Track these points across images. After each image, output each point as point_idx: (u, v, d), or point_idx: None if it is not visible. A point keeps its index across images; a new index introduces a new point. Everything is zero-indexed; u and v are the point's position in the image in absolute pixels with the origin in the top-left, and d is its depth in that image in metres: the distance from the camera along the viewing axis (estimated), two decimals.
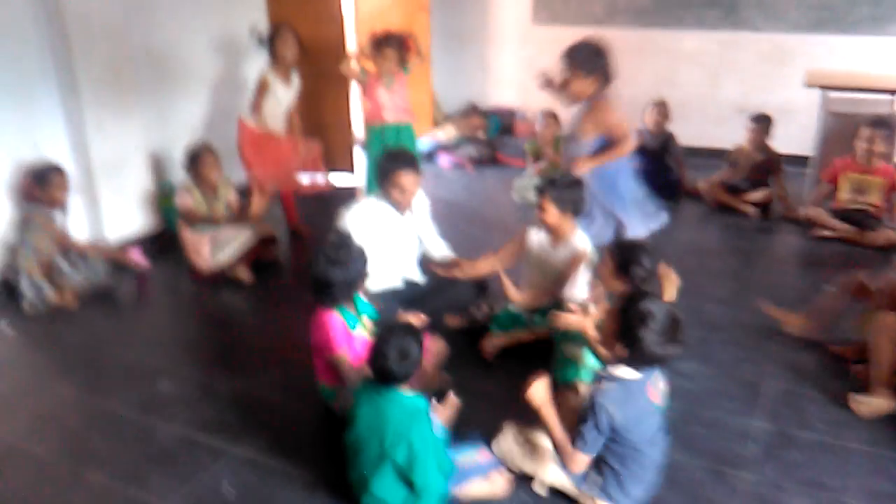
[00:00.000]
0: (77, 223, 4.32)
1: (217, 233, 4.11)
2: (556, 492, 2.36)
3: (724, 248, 4.65)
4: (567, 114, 3.87)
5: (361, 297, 2.83)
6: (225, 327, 3.67)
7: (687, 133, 6.35)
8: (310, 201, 5.10)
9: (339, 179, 5.80)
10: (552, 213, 3.23)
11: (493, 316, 3.43)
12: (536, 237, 3.43)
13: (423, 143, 6.76)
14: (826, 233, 4.64)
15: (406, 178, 3.22)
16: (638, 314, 2.11)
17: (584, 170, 3.54)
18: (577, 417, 2.21)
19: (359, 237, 3.16)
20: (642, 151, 5.65)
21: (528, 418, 2.40)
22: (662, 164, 5.66)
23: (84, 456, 2.59)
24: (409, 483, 2.22)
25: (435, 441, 2.24)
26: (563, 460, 2.27)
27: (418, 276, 3.54)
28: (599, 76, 3.54)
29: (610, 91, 3.62)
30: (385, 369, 2.20)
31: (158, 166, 4.71)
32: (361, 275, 2.59)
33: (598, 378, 2.23)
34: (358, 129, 6.37)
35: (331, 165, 5.94)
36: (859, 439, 2.67)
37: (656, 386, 2.25)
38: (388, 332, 2.24)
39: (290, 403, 2.91)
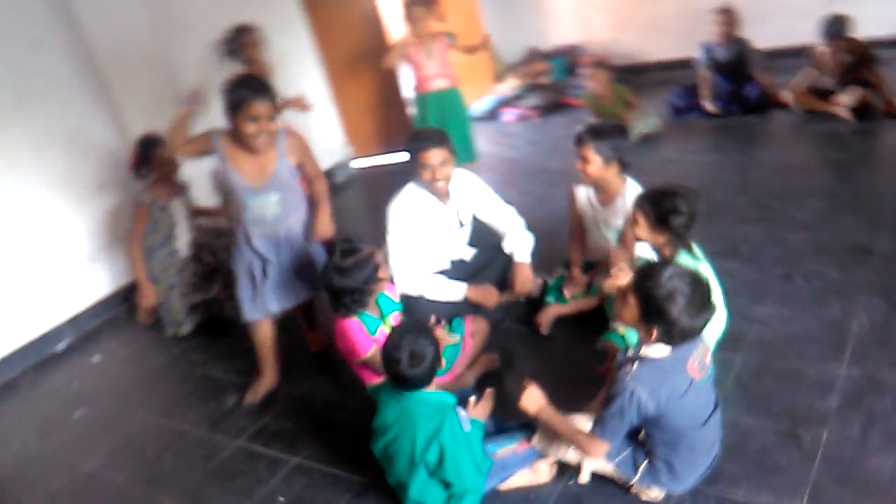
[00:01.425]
0: None
1: None
2: (598, 477, 2.21)
3: (814, 162, 4.15)
4: None
5: (387, 294, 2.76)
6: (288, 330, 3.71)
7: (770, 34, 5.74)
8: (370, 181, 5.05)
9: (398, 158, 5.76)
10: (595, 164, 2.98)
11: (549, 286, 3.25)
12: (584, 195, 3.19)
13: (485, 101, 6.56)
14: None
15: (431, 156, 2.99)
16: (662, 291, 1.88)
17: None
18: (605, 399, 2.03)
19: (402, 224, 3.12)
20: (715, 67, 5.18)
21: (571, 405, 2.26)
22: (741, 76, 5.14)
23: (156, 480, 2.74)
24: (445, 483, 2.16)
25: (466, 437, 2.15)
26: (580, 449, 2.10)
27: (467, 255, 3.41)
28: None
29: None
30: (399, 375, 2.13)
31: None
32: (371, 280, 2.51)
33: (628, 359, 2.02)
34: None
35: (389, 145, 5.90)
36: None
37: (699, 360, 2.00)
38: (398, 336, 2.15)
39: (346, 404, 2.92)
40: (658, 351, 1.96)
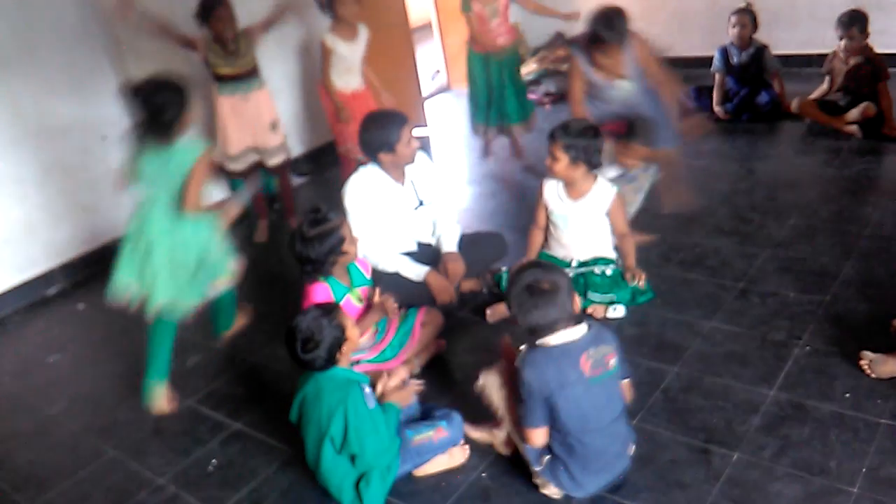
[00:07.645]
0: None
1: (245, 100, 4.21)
2: (506, 473, 2.28)
3: (806, 178, 4.06)
4: None
5: (359, 268, 2.84)
6: (267, 295, 3.80)
7: (795, 39, 5.60)
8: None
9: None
10: (562, 163, 3.01)
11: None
12: (553, 190, 3.20)
13: None
14: None
15: (409, 132, 3.07)
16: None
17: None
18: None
19: (360, 207, 3.18)
20: (730, 70, 5.08)
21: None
22: (756, 82, 5.03)
23: (106, 430, 2.88)
24: (353, 459, 2.24)
25: (370, 413, 2.20)
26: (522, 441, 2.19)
27: (433, 239, 3.46)
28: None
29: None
30: (295, 357, 2.23)
31: None
32: (334, 251, 2.58)
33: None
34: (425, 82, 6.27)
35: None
36: (887, 412, 2.29)
37: (595, 358, 2.04)
38: (297, 321, 2.24)
39: (295, 375, 3.01)
40: (555, 338, 2.03)
